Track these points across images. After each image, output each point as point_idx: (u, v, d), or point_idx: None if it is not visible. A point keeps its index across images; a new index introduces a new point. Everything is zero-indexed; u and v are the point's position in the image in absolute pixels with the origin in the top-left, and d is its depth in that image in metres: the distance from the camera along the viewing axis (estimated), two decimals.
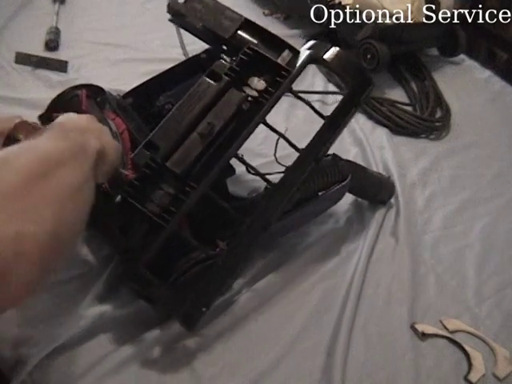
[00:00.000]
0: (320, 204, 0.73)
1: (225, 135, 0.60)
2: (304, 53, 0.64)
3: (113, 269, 0.65)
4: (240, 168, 0.67)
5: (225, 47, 0.68)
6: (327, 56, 0.65)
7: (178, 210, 0.56)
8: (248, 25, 0.66)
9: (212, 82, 0.60)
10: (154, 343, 0.60)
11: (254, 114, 0.60)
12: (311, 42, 0.66)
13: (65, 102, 0.69)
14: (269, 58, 0.62)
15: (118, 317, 0.61)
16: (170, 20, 0.72)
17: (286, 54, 0.64)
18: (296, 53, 0.64)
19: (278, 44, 0.65)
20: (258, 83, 0.62)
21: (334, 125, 0.64)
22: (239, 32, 0.66)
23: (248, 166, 0.61)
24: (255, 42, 0.65)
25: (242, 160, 0.60)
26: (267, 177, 0.62)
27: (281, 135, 0.63)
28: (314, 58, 0.65)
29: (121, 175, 0.59)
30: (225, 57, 0.66)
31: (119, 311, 0.61)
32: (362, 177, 0.79)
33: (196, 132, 0.59)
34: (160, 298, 0.58)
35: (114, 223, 0.59)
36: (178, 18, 0.71)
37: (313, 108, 0.65)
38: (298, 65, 0.63)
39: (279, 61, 0.63)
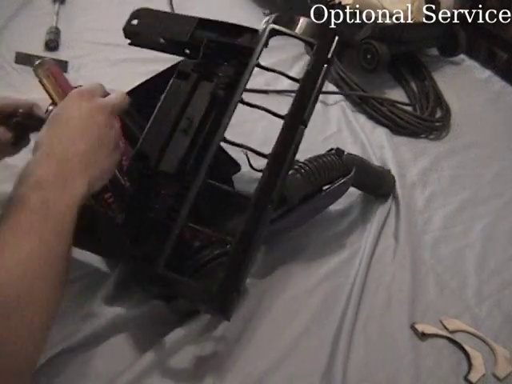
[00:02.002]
0: (326, 198, 0.73)
1: (208, 125, 0.60)
2: (266, 28, 0.64)
3: (120, 269, 0.65)
4: (245, 167, 0.67)
5: (188, 51, 0.67)
6: (289, 25, 0.64)
7: (183, 205, 0.56)
8: (204, 23, 0.66)
9: (182, 81, 0.61)
10: (156, 345, 0.59)
11: (230, 97, 0.60)
12: (272, 16, 0.65)
13: None
14: (229, 43, 0.63)
15: (123, 320, 0.61)
16: (131, 44, 0.71)
17: (246, 35, 0.64)
18: (255, 32, 0.64)
19: (237, 30, 0.64)
20: (227, 69, 0.62)
21: (309, 86, 0.63)
22: (197, 32, 0.65)
23: (236, 145, 0.60)
24: (215, 35, 0.65)
25: (231, 142, 0.60)
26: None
27: (262, 108, 0.62)
28: (276, 30, 0.64)
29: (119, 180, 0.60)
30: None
31: (126, 313, 0.61)
32: (365, 169, 0.80)
33: (178, 130, 0.59)
34: (188, 294, 0.57)
35: (122, 238, 0.58)
36: (137, 38, 0.70)
37: (286, 75, 0.65)
38: (261, 40, 0.62)
39: (240, 43, 0.63)
